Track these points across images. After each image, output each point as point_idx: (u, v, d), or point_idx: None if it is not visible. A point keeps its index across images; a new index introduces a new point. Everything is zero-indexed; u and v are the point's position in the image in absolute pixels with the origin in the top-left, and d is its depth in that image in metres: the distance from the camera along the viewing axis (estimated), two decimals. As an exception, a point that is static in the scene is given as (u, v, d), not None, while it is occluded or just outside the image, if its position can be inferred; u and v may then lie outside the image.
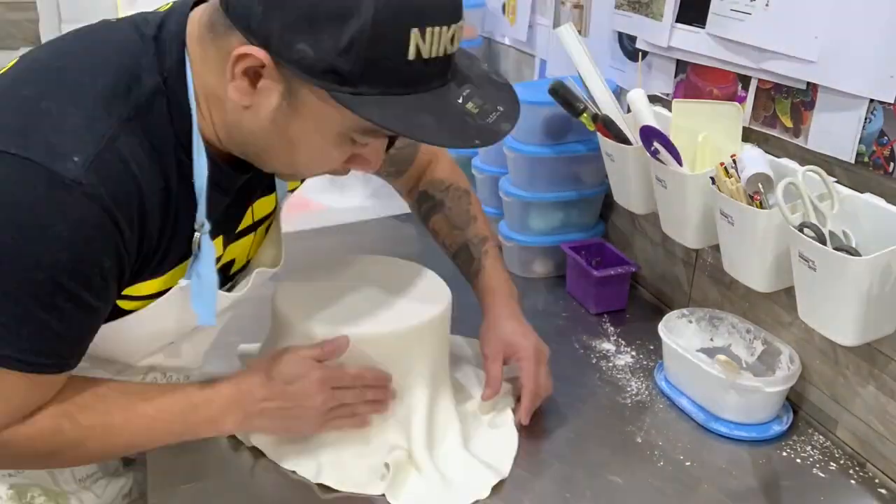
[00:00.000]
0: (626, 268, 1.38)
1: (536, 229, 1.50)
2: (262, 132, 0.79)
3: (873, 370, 1.00)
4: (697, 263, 1.32)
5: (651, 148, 1.14)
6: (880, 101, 0.94)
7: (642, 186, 1.26)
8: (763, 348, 1.16)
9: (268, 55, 0.72)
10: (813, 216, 0.93)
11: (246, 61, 0.74)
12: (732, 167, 1.03)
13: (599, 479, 0.99)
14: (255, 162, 0.86)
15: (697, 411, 1.11)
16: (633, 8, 1.35)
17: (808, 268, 0.91)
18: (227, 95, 0.77)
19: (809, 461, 1.04)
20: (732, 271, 1.09)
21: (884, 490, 0.99)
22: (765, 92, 1.12)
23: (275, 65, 0.73)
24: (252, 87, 0.76)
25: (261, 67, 0.74)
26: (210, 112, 0.81)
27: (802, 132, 1.06)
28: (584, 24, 1.55)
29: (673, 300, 1.39)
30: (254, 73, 0.75)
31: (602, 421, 1.11)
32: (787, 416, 1.11)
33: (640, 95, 1.20)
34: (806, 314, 0.97)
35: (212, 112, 0.81)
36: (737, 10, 1.11)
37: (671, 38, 1.27)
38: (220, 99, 0.79)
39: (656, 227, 1.27)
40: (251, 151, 0.84)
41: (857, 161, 0.98)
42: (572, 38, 1.30)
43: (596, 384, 1.19)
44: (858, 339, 0.92)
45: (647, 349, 1.28)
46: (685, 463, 1.03)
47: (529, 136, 1.43)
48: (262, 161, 0.85)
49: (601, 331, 1.34)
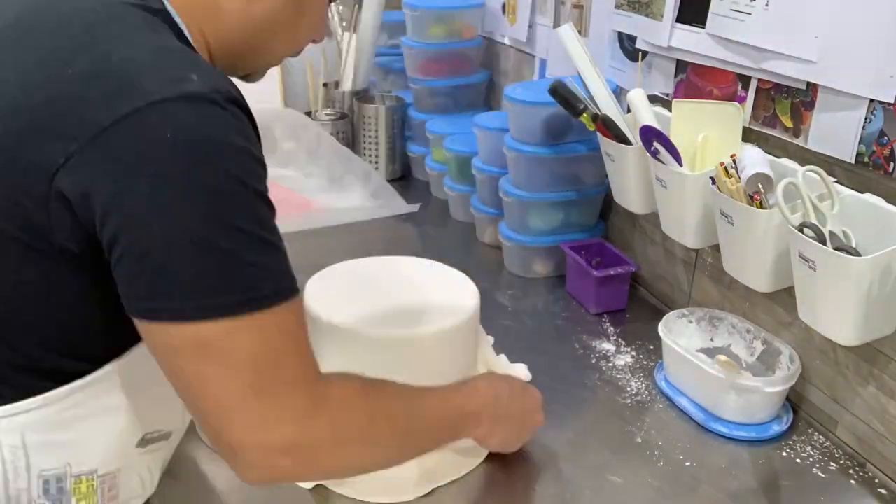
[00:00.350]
0: (626, 268, 1.38)
1: (536, 229, 1.50)
2: (274, 13, 0.81)
3: (873, 370, 1.00)
4: (697, 263, 1.32)
5: (651, 148, 1.14)
6: (880, 101, 0.94)
7: (642, 186, 1.26)
8: (763, 348, 1.16)
9: None
10: (813, 216, 0.93)
11: None
12: (732, 167, 1.03)
13: (599, 479, 0.99)
14: (249, 61, 0.86)
15: (697, 411, 1.11)
16: (633, 8, 1.35)
17: (808, 268, 0.92)
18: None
19: (809, 461, 1.04)
20: (732, 271, 1.09)
21: (884, 490, 0.99)
22: (765, 92, 1.12)
23: None
24: None
25: None
26: (201, 28, 0.79)
27: (802, 132, 1.06)
28: (584, 24, 1.55)
29: (673, 300, 1.39)
30: None
31: (602, 421, 1.11)
32: (787, 416, 1.11)
33: (640, 95, 1.20)
34: (806, 314, 0.97)
35: (202, 27, 0.79)
36: (737, 10, 1.12)
37: (671, 38, 1.27)
38: (210, 8, 0.78)
39: (656, 227, 1.27)
40: (252, 47, 0.83)
41: (857, 161, 0.98)
42: (572, 38, 1.30)
43: (596, 384, 1.19)
44: (858, 339, 0.92)
45: (647, 349, 1.28)
46: (685, 463, 1.03)
47: (529, 136, 1.43)
48: (261, 53, 0.85)
49: (601, 331, 1.34)
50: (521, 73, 1.86)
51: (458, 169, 1.73)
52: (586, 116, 1.29)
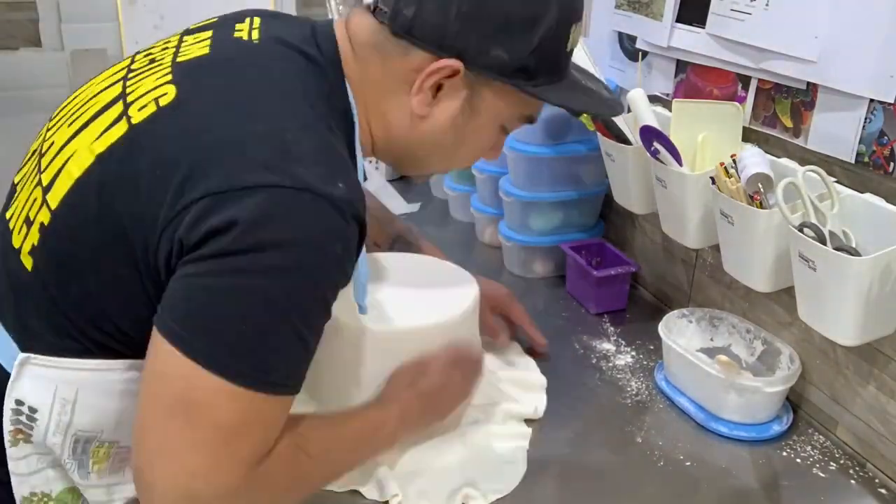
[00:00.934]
0: (626, 268, 1.38)
1: (536, 229, 1.50)
2: (436, 136, 0.88)
3: (873, 370, 1.00)
4: (697, 263, 1.32)
5: (651, 148, 1.14)
6: (880, 101, 0.94)
7: (642, 186, 1.26)
8: (763, 348, 1.16)
9: (462, 65, 0.81)
10: (813, 216, 0.93)
11: (439, 74, 0.82)
12: (732, 167, 1.03)
13: (599, 479, 0.99)
14: (407, 166, 0.96)
15: (697, 411, 1.11)
16: (633, 8, 1.35)
17: (808, 268, 0.92)
18: (398, 109, 0.86)
19: (809, 461, 1.04)
20: (732, 271, 1.09)
21: (884, 490, 0.99)
22: (765, 92, 1.12)
23: (465, 73, 0.82)
24: (433, 97, 0.84)
25: (450, 77, 0.82)
26: (369, 125, 0.88)
27: (802, 132, 1.06)
28: (584, 24, 1.55)
29: (673, 300, 1.39)
30: (437, 85, 0.83)
31: (602, 421, 1.11)
32: (787, 416, 1.11)
33: (640, 95, 1.20)
34: (806, 314, 0.97)
35: (371, 125, 0.88)
36: (737, 10, 1.11)
37: (671, 38, 1.27)
38: (381, 113, 0.87)
39: (656, 227, 1.27)
40: (410, 156, 0.92)
41: (857, 161, 0.98)
42: (572, 38, 1.30)
43: (596, 384, 1.19)
44: (858, 339, 0.92)
45: (647, 349, 1.28)
46: (685, 463, 1.03)
47: (529, 136, 1.43)
48: (416, 164, 0.94)
49: (601, 331, 1.34)
50: (521, 73, 1.86)
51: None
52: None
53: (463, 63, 0.81)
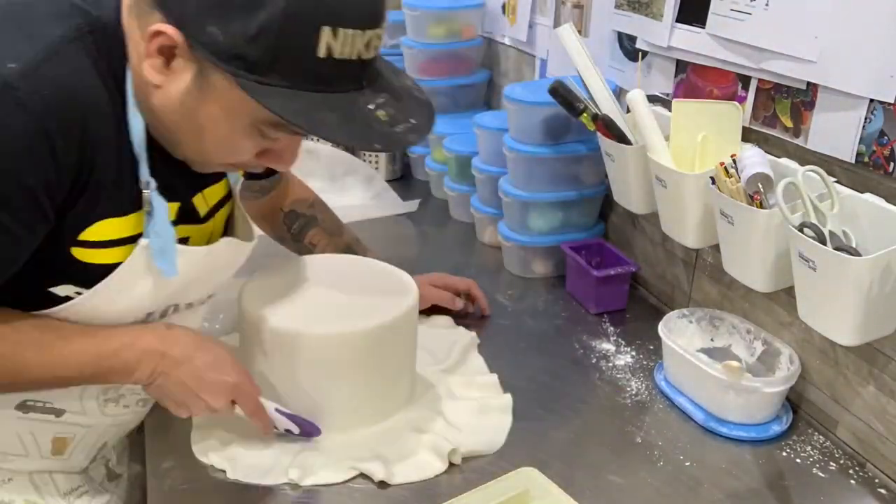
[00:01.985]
0: (626, 268, 1.38)
1: (536, 229, 1.50)
2: (170, 113, 0.80)
3: (873, 370, 1.00)
4: (697, 263, 1.32)
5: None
6: (880, 101, 0.94)
7: (642, 186, 1.26)
8: (763, 348, 1.16)
9: (181, 35, 0.74)
10: (813, 216, 0.93)
11: (159, 39, 0.75)
12: (732, 167, 1.03)
13: (599, 479, 0.99)
14: (166, 145, 0.86)
15: (697, 411, 1.11)
16: (633, 8, 1.35)
17: (808, 268, 0.91)
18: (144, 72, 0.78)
19: (809, 461, 1.04)
20: (732, 271, 1.09)
21: (884, 490, 0.99)
22: (765, 92, 1.12)
23: (188, 46, 0.75)
24: (166, 66, 0.77)
25: (173, 47, 0.75)
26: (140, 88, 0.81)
27: (802, 132, 1.06)
28: (584, 24, 1.55)
29: (673, 300, 1.39)
30: (168, 52, 0.76)
31: (602, 421, 1.11)
32: (787, 416, 1.11)
33: (640, 95, 1.20)
34: (806, 314, 0.97)
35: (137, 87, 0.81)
36: (737, 10, 1.11)
37: (671, 38, 1.27)
38: (139, 73, 0.80)
39: (656, 227, 1.27)
40: (161, 133, 0.84)
41: (857, 161, 0.98)
42: (572, 38, 1.30)
43: (596, 384, 1.19)
44: (858, 339, 0.92)
45: (647, 349, 1.28)
46: (685, 463, 1.03)
47: (529, 136, 1.43)
48: (171, 144, 0.86)
49: (601, 331, 1.34)
50: (521, 73, 1.86)
51: (458, 169, 1.73)
52: (586, 116, 1.29)
53: (182, 33, 0.74)
